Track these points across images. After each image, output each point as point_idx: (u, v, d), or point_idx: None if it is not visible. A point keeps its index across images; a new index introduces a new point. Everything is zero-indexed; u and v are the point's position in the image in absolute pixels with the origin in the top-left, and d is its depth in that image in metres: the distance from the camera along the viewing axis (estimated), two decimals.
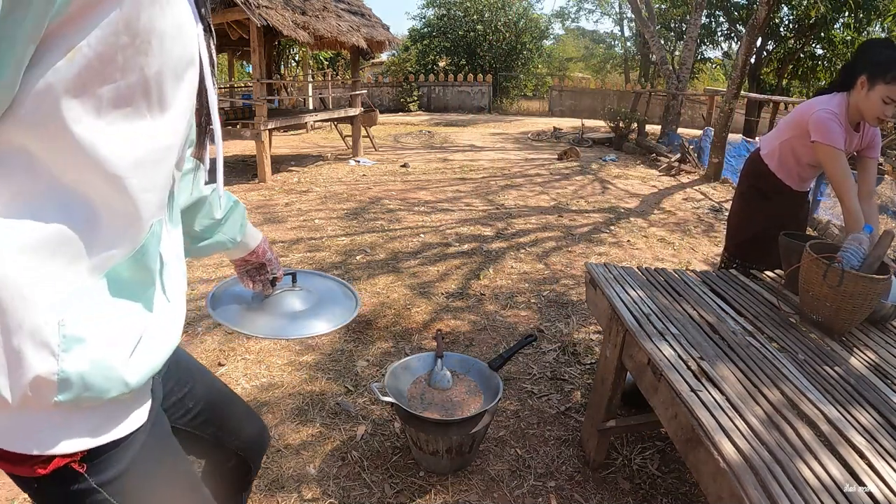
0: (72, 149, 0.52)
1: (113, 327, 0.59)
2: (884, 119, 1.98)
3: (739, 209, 2.44)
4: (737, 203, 2.46)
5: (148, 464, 0.69)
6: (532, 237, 4.52)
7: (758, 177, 2.33)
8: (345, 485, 1.79)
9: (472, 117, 16.21)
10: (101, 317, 0.58)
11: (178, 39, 0.58)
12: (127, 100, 0.55)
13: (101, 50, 0.50)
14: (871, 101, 1.95)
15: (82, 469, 0.61)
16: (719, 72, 21.49)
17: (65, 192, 0.54)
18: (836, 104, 2.03)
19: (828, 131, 1.99)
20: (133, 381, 0.60)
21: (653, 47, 11.19)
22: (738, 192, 2.47)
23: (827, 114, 2.01)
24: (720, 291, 1.88)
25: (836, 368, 1.43)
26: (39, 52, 0.48)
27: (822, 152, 2.02)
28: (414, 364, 1.96)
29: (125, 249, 0.60)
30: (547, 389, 2.36)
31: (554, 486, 1.81)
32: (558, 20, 26.76)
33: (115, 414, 0.63)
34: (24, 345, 0.53)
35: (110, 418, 0.62)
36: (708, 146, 7.72)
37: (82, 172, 0.54)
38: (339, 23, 7.19)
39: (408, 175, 7.07)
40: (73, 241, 0.55)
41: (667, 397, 1.33)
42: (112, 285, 0.59)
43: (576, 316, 3.06)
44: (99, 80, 0.52)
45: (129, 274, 0.61)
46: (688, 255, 4.25)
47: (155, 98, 0.57)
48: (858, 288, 1.50)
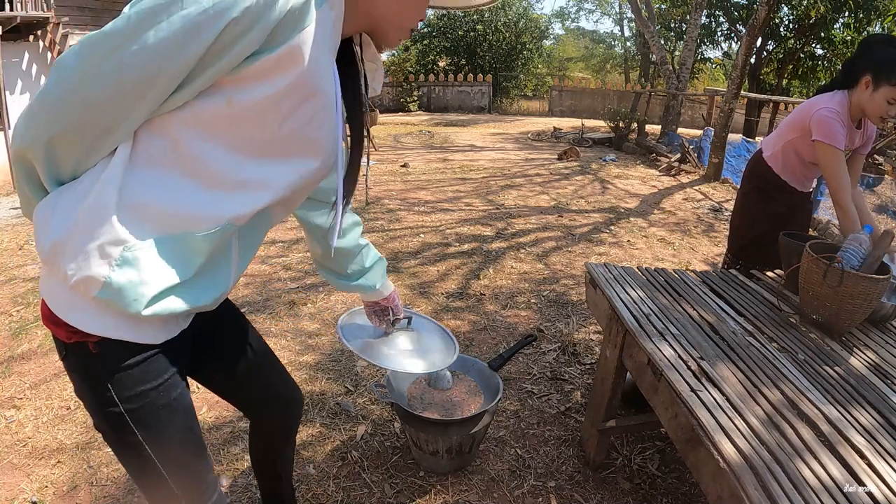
0: (197, 149, 0.75)
1: (154, 270, 0.77)
2: (886, 118, 1.98)
3: (742, 211, 2.42)
4: (739, 204, 2.44)
5: (155, 396, 0.85)
6: (532, 237, 4.52)
7: (761, 179, 2.32)
8: (345, 485, 1.79)
9: (472, 117, 16.20)
10: (151, 259, 0.76)
11: (312, 122, 0.80)
12: (257, 142, 0.78)
13: (247, 106, 0.74)
14: (876, 102, 1.95)
15: (96, 351, 0.80)
16: (719, 72, 21.50)
17: (179, 174, 0.76)
18: (838, 102, 2.03)
19: (830, 131, 1.99)
20: (145, 311, 0.77)
21: (653, 47, 11.18)
22: (741, 194, 2.45)
23: (829, 112, 2.01)
24: (720, 291, 1.88)
25: (836, 368, 1.43)
26: (211, 89, 0.73)
27: (822, 151, 2.02)
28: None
29: (202, 228, 0.78)
30: (547, 389, 2.36)
31: (554, 486, 1.81)
32: (558, 20, 26.79)
33: (132, 325, 0.80)
34: (95, 251, 0.74)
35: (127, 326, 0.80)
36: (708, 146, 7.72)
37: (199, 169, 0.76)
38: None
39: (408, 175, 7.07)
40: (169, 204, 0.76)
41: (667, 397, 1.33)
42: (172, 244, 0.78)
43: (576, 316, 3.06)
44: (239, 122, 0.75)
45: (190, 245, 0.79)
46: (688, 255, 4.25)
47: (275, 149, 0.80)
48: (858, 288, 1.50)
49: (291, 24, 0.71)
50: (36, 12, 7.63)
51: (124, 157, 0.74)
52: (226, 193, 0.78)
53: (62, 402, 2.22)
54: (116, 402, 0.82)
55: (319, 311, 3.02)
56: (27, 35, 8.03)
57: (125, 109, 0.70)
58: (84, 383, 0.84)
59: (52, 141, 0.71)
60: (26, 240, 4.43)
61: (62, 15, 8.39)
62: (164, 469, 0.89)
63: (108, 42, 0.66)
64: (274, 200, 0.83)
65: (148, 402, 0.85)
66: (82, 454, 1.93)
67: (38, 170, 0.75)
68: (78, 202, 0.74)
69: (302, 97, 0.77)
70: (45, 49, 8.41)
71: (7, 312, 3.03)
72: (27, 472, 1.85)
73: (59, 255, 0.74)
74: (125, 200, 0.74)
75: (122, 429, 0.84)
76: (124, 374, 0.82)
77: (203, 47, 0.67)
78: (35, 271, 3.70)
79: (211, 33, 0.66)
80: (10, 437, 2.02)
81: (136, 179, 0.75)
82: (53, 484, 1.80)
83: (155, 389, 0.85)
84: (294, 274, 3.54)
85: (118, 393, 0.82)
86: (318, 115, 0.81)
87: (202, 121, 0.74)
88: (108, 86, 0.68)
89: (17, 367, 2.48)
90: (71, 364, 0.84)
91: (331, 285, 1.38)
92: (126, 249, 0.74)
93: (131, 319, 0.79)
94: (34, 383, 2.36)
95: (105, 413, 0.84)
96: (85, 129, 0.71)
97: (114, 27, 0.66)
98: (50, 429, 2.06)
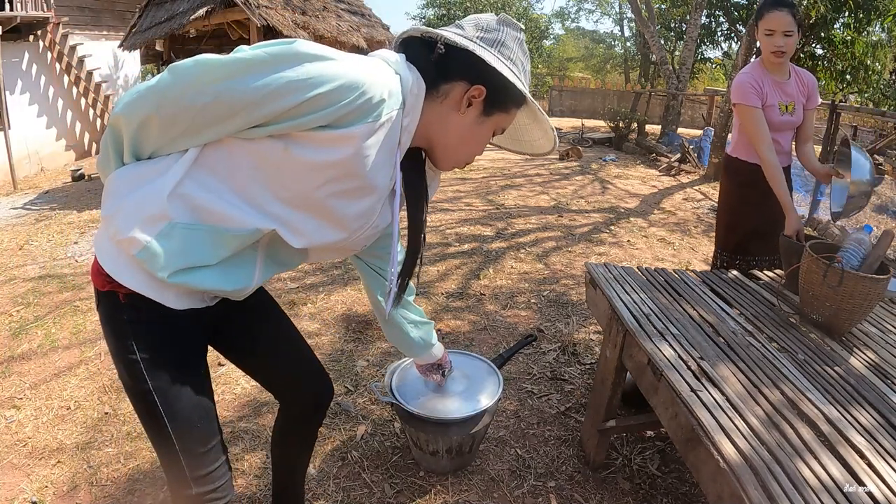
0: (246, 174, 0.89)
1: (186, 247, 0.89)
2: (776, 52, 2.14)
3: (728, 208, 2.49)
4: (723, 202, 2.54)
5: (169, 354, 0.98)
6: (532, 237, 4.52)
7: (731, 171, 2.44)
8: (345, 485, 1.79)
9: None
10: (186, 239, 0.89)
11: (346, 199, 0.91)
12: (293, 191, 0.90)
13: (298, 160, 0.85)
14: (761, 42, 2.18)
15: (124, 301, 0.93)
16: (719, 72, 21.47)
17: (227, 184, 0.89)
18: (750, 66, 2.26)
19: (741, 92, 2.20)
20: (169, 279, 0.90)
21: (653, 47, 11.18)
22: (722, 192, 2.55)
23: (740, 77, 2.24)
24: (720, 291, 1.88)
25: (836, 368, 1.43)
26: (278, 135, 0.84)
27: (738, 112, 2.25)
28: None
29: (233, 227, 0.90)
30: (547, 389, 2.36)
31: (554, 486, 1.81)
32: (558, 20, 26.71)
33: (157, 287, 0.92)
34: (146, 219, 0.87)
35: (152, 286, 0.92)
36: (708, 146, 7.72)
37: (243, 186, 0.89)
38: (338, 23, 7.19)
39: None
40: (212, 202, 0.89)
41: (667, 397, 1.33)
42: (206, 233, 0.90)
43: (576, 316, 3.06)
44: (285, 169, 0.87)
45: (220, 237, 0.91)
46: (688, 255, 4.25)
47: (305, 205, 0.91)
48: (858, 288, 1.50)
49: (364, 113, 0.83)
50: (36, 12, 7.63)
51: (192, 157, 0.88)
52: (258, 210, 0.90)
53: (62, 402, 2.22)
54: (135, 350, 0.94)
55: (319, 311, 3.02)
56: (27, 35, 8.02)
57: (210, 124, 0.83)
58: (110, 328, 0.97)
59: (146, 122, 0.84)
60: (26, 240, 4.44)
61: (62, 15, 8.39)
62: (168, 423, 0.97)
63: (222, 70, 0.79)
64: (302, 244, 0.94)
65: (162, 358, 0.96)
66: (82, 454, 1.93)
67: (125, 140, 0.88)
68: (145, 179, 0.88)
69: (344, 174, 0.87)
70: (45, 49, 8.41)
71: (7, 312, 3.03)
72: (27, 472, 1.85)
73: (117, 215, 0.88)
74: (179, 189, 0.88)
75: (136, 377, 0.95)
76: (144, 326, 0.95)
77: (286, 106, 0.79)
78: (34, 271, 3.70)
79: (297, 98, 0.79)
80: (10, 437, 2.02)
81: (194, 177, 0.89)
82: (53, 484, 1.80)
83: (170, 348, 0.98)
84: (294, 274, 3.54)
85: (136, 342, 0.94)
86: (354, 197, 0.91)
87: (259, 154, 0.86)
88: (208, 102, 0.80)
89: (17, 367, 2.48)
90: (103, 310, 0.97)
91: (330, 285, 1.43)
92: (168, 225, 0.87)
93: (158, 282, 0.91)
94: (34, 383, 2.36)
95: (124, 359, 0.95)
96: (174, 125, 0.84)
97: (232, 60, 0.79)
98: (50, 429, 2.06)
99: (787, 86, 2.24)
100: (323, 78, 0.78)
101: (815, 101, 2.30)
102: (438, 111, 0.93)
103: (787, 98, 2.24)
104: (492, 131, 0.98)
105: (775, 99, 2.22)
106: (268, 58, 0.78)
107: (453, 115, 0.93)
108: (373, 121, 0.83)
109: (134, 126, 0.85)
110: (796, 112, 2.26)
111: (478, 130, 0.96)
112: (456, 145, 0.97)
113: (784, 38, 2.11)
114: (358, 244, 1.02)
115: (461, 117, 0.93)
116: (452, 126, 0.94)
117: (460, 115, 0.93)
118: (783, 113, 2.24)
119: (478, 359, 1.92)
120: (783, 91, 2.23)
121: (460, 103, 0.92)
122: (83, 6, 9.32)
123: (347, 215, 0.93)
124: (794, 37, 2.12)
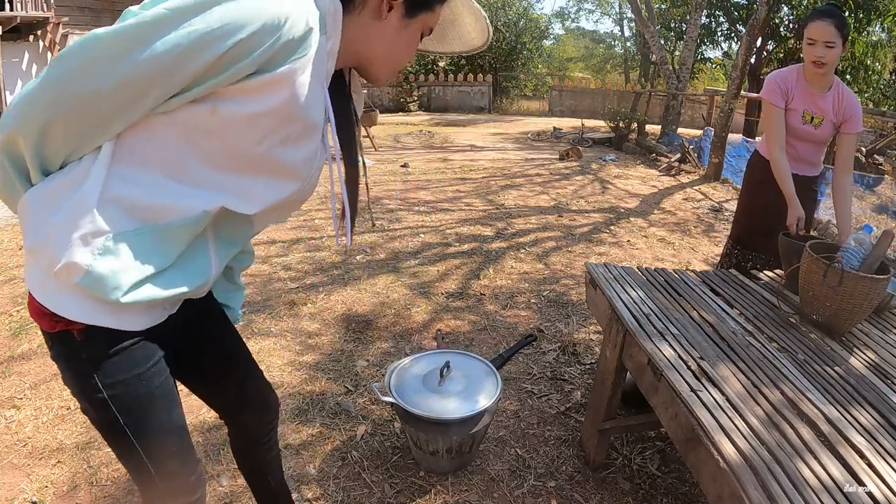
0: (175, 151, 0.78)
1: (133, 259, 0.79)
2: (817, 61, 2.11)
3: (743, 201, 2.57)
4: (741, 197, 2.60)
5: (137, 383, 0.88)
6: (532, 237, 4.52)
7: (750, 165, 2.49)
8: (345, 485, 1.79)
9: (472, 117, 16.20)
10: (131, 248, 0.79)
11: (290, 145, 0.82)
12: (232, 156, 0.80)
13: (229, 119, 0.76)
14: (804, 50, 2.15)
15: (80, 338, 0.83)
16: (719, 72, 21.48)
17: (159, 171, 0.79)
18: (788, 68, 2.27)
19: (766, 89, 2.25)
20: (125, 299, 0.80)
21: (653, 47, 11.18)
22: (742, 189, 2.60)
23: (772, 74, 2.28)
24: (720, 291, 1.88)
25: (836, 368, 1.43)
26: (199, 100, 0.75)
27: (763, 107, 2.30)
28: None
29: (178, 217, 0.81)
30: (547, 389, 2.36)
31: (554, 486, 1.81)
32: (558, 20, 26.76)
33: (113, 312, 0.82)
34: (79, 240, 0.76)
35: (108, 313, 0.82)
36: (708, 146, 7.72)
37: (177, 168, 0.79)
38: None
39: (408, 175, 7.07)
40: (148, 197, 0.79)
41: (667, 397, 1.33)
42: (152, 234, 0.80)
43: (576, 316, 3.06)
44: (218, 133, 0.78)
45: (169, 234, 0.81)
46: (688, 255, 4.25)
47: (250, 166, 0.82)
48: (858, 288, 1.50)
49: (291, 50, 0.74)
50: (36, 12, 7.64)
51: (108, 153, 0.77)
52: (200, 189, 0.81)
53: (62, 402, 2.22)
54: (101, 389, 0.85)
55: (319, 311, 3.02)
56: (27, 35, 8.04)
57: (122, 108, 0.73)
58: (69, 371, 0.87)
59: (46, 129, 0.73)
60: None
61: (62, 15, 8.40)
62: (143, 451, 0.92)
63: (118, 42, 0.68)
64: (256, 209, 0.85)
65: (131, 389, 0.88)
66: (82, 454, 1.93)
67: (27, 156, 0.76)
68: (64, 194, 0.77)
69: (283, 120, 0.79)
70: (45, 49, 8.42)
71: (7, 312, 3.03)
72: (27, 472, 1.85)
73: (44, 243, 0.78)
74: (107, 193, 0.77)
75: (106, 414, 0.88)
76: (107, 361, 0.85)
77: (205, 64, 0.70)
78: None
79: (214, 52, 0.69)
80: (10, 437, 2.02)
81: (119, 174, 0.78)
82: (53, 484, 1.80)
83: (137, 377, 0.88)
84: (294, 274, 3.54)
85: (102, 379, 0.85)
86: (299, 141, 0.83)
87: (184, 126, 0.77)
88: (113, 85, 0.69)
89: (17, 367, 2.48)
90: (57, 352, 0.87)
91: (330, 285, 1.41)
92: (108, 239, 0.77)
93: (112, 307, 0.81)
94: (34, 383, 2.36)
95: (90, 398, 0.87)
96: (80, 122, 0.73)
97: (127, 27, 0.68)
98: (50, 429, 2.06)
99: (822, 99, 2.19)
100: (239, 21, 0.69)
101: (854, 127, 2.21)
102: (359, 24, 0.86)
103: (816, 110, 2.20)
104: (419, 33, 0.91)
105: (801, 105, 2.20)
106: (169, 13, 0.68)
107: (375, 24, 0.86)
108: (302, 55, 0.76)
109: (34, 137, 0.73)
110: (822, 127, 2.23)
111: (404, 35, 0.89)
112: (385, 55, 0.90)
113: (825, 49, 2.06)
114: (308, 192, 0.93)
115: (384, 25, 0.87)
116: (376, 36, 0.87)
117: (382, 23, 0.86)
118: (806, 122, 2.23)
119: (477, 359, 1.93)
120: (814, 102, 2.19)
121: (380, 9, 0.85)
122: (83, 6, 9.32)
123: (297, 163, 0.85)
124: (836, 49, 2.06)
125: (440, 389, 1.75)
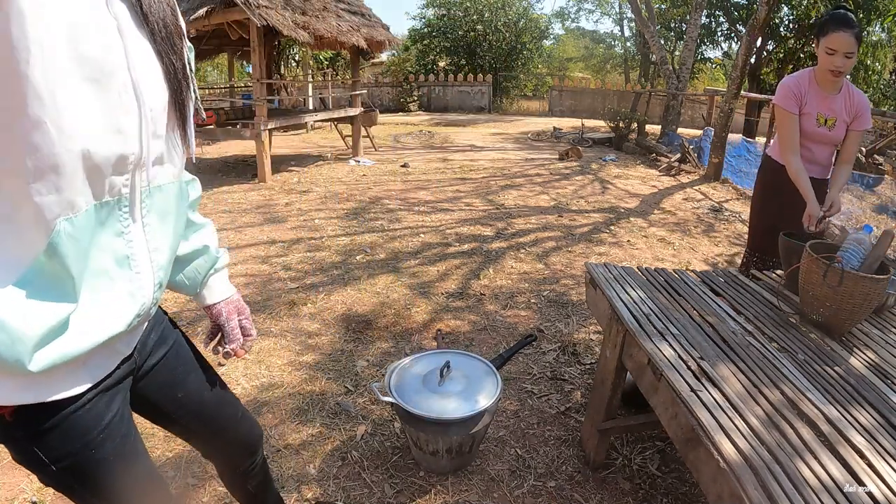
0: None
1: (22, 320, 0.64)
2: (834, 71, 2.14)
3: (756, 206, 2.59)
4: (754, 203, 2.62)
5: (87, 453, 0.78)
6: (532, 237, 4.52)
7: (761, 169, 2.51)
8: (345, 485, 1.79)
9: (472, 117, 16.20)
10: (13, 310, 0.63)
11: (72, 43, 0.61)
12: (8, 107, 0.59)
13: None
14: (820, 59, 2.16)
15: (11, 419, 0.71)
16: (719, 72, 21.48)
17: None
18: (800, 73, 2.29)
19: (780, 95, 2.27)
20: (35, 368, 0.65)
21: (653, 47, 11.18)
22: (754, 193, 2.64)
23: (786, 79, 2.29)
24: (720, 291, 1.88)
25: (836, 368, 1.43)
26: None
27: (776, 113, 2.31)
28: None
29: (36, 243, 0.65)
30: (547, 389, 2.36)
31: (554, 486, 1.81)
32: (558, 20, 26.72)
33: (34, 384, 0.69)
34: None
35: (29, 387, 0.69)
36: (708, 146, 7.72)
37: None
38: (339, 23, 7.18)
39: (408, 175, 7.07)
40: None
41: (667, 397, 1.33)
42: (33, 275, 0.65)
43: (576, 316, 3.06)
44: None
45: (47, 267, 0.65)
46: (688, 255, 4.25)
47: (41, 103, 0.59)
48: (858, 288, 1.50)
49: None
50: None
51: None
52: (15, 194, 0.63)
53: None
54: (48, 463, 0.76)
55: (319, 311, 3.02)
56: None
57: None
58: (13, 450, 0.77)
59: None
60: None
61: None
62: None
63: None
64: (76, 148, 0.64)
65: (81, 459, 0.79)
66: None
67: None
68: None
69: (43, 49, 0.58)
70: None
71: None
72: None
73: None
74: None
75: (62, 483, 0.81)
76: (48, 435, 0.75)
77: None
78: None
79: None
80: None
81: None
82: None
83: (85, 447, 0.78)
84: (294, 274, 3.54)
85: (47, 454, 0.76)
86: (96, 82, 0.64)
87: None
88: None
89: None
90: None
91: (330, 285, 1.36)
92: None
93: (28, 380, 0.68)
94: None
95: (42, 472, 0.78)
96: None
97: None
98: None
99: (833, 101, 2.23)
100: None
101: (864, 123, 2.26)
102: None
103: (829, 112, 2.24)
104: None
105: (814, 109, 2.23)
106: None
107: None
108: None
109: None
110: (836, 128, 2.26)
111: None
112: None
113: (844, 59, 2.11)
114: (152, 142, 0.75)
115: None
116: None
117: None
118: (820, 125, 2.25)
119: (477, 359, 1.93)
120: (827, 105, 2.23)
121: None
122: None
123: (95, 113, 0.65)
124: (854, 58, 2.11)
125: (440, 389, 1.75)
